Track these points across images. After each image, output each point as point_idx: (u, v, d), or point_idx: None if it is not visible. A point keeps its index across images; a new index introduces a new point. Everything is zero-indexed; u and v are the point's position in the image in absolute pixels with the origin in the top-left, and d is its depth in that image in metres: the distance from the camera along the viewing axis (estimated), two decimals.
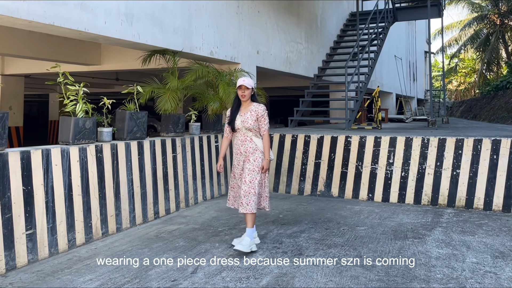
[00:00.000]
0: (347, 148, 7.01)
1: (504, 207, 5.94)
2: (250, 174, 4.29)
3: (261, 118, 4.39)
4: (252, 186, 4.26)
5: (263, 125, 4.40)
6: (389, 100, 19.43)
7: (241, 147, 4.41)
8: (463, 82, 35.10)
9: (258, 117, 4.38)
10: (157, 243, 4.60)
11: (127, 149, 5.25)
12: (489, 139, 6.16)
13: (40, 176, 4.20)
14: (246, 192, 4.26)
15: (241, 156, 4.42)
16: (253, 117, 4.37)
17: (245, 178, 4.29)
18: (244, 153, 4.40)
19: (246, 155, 4.38)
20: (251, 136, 4.39)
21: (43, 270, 3.88)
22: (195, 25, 6.83)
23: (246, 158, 4.37)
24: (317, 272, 3.77)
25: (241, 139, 4.42)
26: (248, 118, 4.37)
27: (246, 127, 4.36)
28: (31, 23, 4.46)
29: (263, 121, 4.40)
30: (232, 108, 4.55)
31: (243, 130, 4.40)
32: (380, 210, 6.09)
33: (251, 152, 4.37)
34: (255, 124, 4.37)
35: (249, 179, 4.28)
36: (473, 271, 3.80)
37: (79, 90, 4.75)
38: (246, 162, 4.36)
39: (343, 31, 13.93)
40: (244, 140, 4.40)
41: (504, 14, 23.83)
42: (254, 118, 4.37)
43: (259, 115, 4.39)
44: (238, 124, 4.40)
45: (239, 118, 4.41)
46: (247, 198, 4.24)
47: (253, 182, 4.28)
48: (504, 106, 15.41)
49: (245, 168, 4.34)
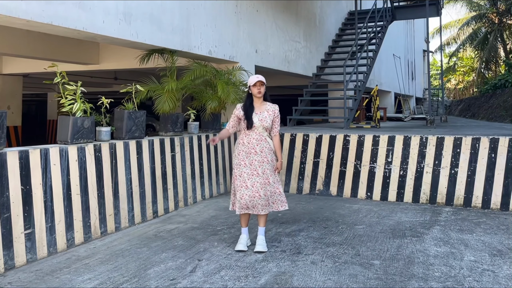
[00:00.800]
0: (346, 147, 7.02)
1: (502, 205, 5.96)
2: (273, 175, 4.29)
3: (276, 118, 4.37)
4: (277, 186, 4.30)
5: (277, 126, 4.39)
6: (388, 99, 19.44)
7: (257, 146, 4.28)
8: (462, 81, 35.13)
9: (274, 117, 4.35)
10: (156, 242, 4.60)
11: (126, 149, 5.25)
12: (487, 138, 6.18)
13: (38, 175, 4.20)
14: (272, 192, 4.27)
15: (257, 155, 4.27)
16: (271, 117, 4.32)
17: (268, 179, 4.26)
18: (260, 152, 4.27)
19: (264, 155, 4.27)
20: (265, 136, 4.33)
21: (42, 269, 3.89)
22: (194, 24, 6.82)
23: (265, 158, 4.27)
24: (316, 271, 3.78)
25: (257, 138, 4.30)
26: (266, 117, 4.30)
27: (264, 126, 4.28)
28: (29, 22, 4.45)
29: (277, 122, 4.38)
30: (245, 105, 4.37)
31: (259, 129, 4.29)
32: (379, 208, 6.10)
33: (267, 152, 4.30)
34: (270, 124, 4.33)
35: (272, 179, 4.27)
36: (471, 269, 3.81)
37: (77, 90, 4.75)
38: (266, 163, 4.27)
39: (342, 30, 13.93)
40: (260, 140, 4.30)
41: (503, 13, 23.85)
42: (272, 118, 4.33)
43: (275, 115, 4.36)
44: (256, 122, 4.28)
45: (255, 116, 4.29)
46: (274, 198, 4.28)
47: (277, 182, 4.32)
48: (502, 104, 15.43)
49: (266, 169, 4.26)
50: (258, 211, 4.23)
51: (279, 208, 4.33)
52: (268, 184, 4.25)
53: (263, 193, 4.22)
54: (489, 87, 19.08)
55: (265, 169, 4.26)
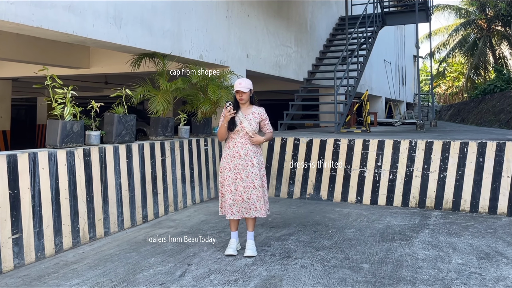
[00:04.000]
0: (336, 151, 7.05)
1: (490, 209, 6.02)
2: (258, 179, 4.24)
3: (265, 121, 4.38)
4: (262, 191, 4.26)
5: (268, 126, 4.42)
6: (379, 104, 19.59)
7: (241, 150, 4.25)
8: (452, 86, 35.50)
9: (261, 120, 4.36)
10: (145, 247, 4.58)
11: (116, 153, 5.23)
12: (475, 142, 6.25)
13: (27, 180, 4.17)
14: (258, 197, 4.23)
15: (241, 159, 4.24)
16: (257, 119, 4.31)
17: (253, 183, 4.23)
18: (244, 156, 4.25)
19: (248, 158, 4.24)
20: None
21: (29, 274, 3.85)
22: (185, 28, 6.84)
23: (249, 162, 4.24)
24: (305, 275, 3.79)
25: (242, 142, 4.27)
26: (251, 119, 4.29)
27: (250, 129, 4.26)
28: (19, 26, 4.43)
29: (267, 124, 4.40)
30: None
31: (244, 132, 4.27)
32: (368, 212, 6.13)
33: (253, 155, 4.26)
34: (257, 127, 4.33)
35: (258, 183, 4.24)
36: (459, 272, 3.84)
37: (67, 93, 4.73)
38: (251, 167, 4.24)
39: (333, 35, 14.02)
40: (245, 143, 4.27)
41: (491, 19, 24.20)
42: (258, 121, 4.32)
43: (262, 117, 4.36)
44: (239, 125, 4.26)
45: (243, 119, 4.28)
46: (260, 203, 4.24)
47: (264, 187, 4.30)
48: (491, 109, 15.62)
49: (250, 172, 4.23)
50: (242, 215, 4.25)
51: (263, 214, 4.26)
52: (253, 188, 4.23)
53: (247, 196, 4.23)
54: (479, 92, 19.31)
55: (250, 173, 4.24)
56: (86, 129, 5.05)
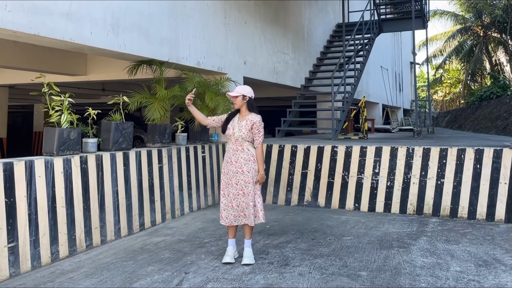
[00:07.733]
0: (334, 158, 7.05)
1: (487, 216, 6.02)
2: (247, 186, 4.21)
3: (256, 129, 4.26)
4: (251, 198, 4.21)
5: (257, 137, 4.27)
6: (376, 110, 19.62)
7: (232, 156, 4.27)
8: (449, 93, 35.63)
9: (253, 127, 4.26)
10: (142, 255, 4.55)
11: (113, 160, 5.21)
12: (472, 149, 6.25)
13: (23, 188, 4.14)
14: (247, 204, 4.21)
15: (232, 165, 4.26)
16: (248, 126, 4.25)
17: (243, 190, 4.22)
18: (235, 162, 4.25)
19: (238, 165, 4.23)
20: (245, 146, 4.27)
21: (25, 284, 3.81)
22: (182, 36, 6.85)
23: (239, 169, 4.23)
24: (303, 282, 3.76)
25: (233, 148, 4.29)
26: (242, 126, 4.27)
27: (238, 135, 4.25)
28: (16, 33, 4.43)
29: (257, 133, 4.26)
30: (230, 112, 4.54)
31: (236, 138, 4.27)
32: (366, 220, 6.11)
33: (243, 162, 4.24)
34: (248, 134, 4.25)
35: (246, 191, 4.21)
36: (457, 279, 3.83)
37: (64, 101, 4.72)
38: (240, 174, 4.22)
39: (330, 42, 14.08)
40: (236, 150, 4.27)
41: (487, 26, 24.34)
42: (249, 128, 4.25)
43: (254, 125, 4.26)
44: (230, 129, 4.30)
45: (236, 124, 4.30)
46: (249, 210, 4.21)
47: (251, 194, 4.22)
48: (488, 116, 15.67)
49: (239, 180, 4.22)
50: (231, 222, 4.26)
51: (250, 222, 4.22)
52: (242, 195, 4.22)
53: (236, 203, 4.23)
54: (475, 98, 19.39)
55: (239, 180, 4.23)
56: (83, 136, 5.03)
